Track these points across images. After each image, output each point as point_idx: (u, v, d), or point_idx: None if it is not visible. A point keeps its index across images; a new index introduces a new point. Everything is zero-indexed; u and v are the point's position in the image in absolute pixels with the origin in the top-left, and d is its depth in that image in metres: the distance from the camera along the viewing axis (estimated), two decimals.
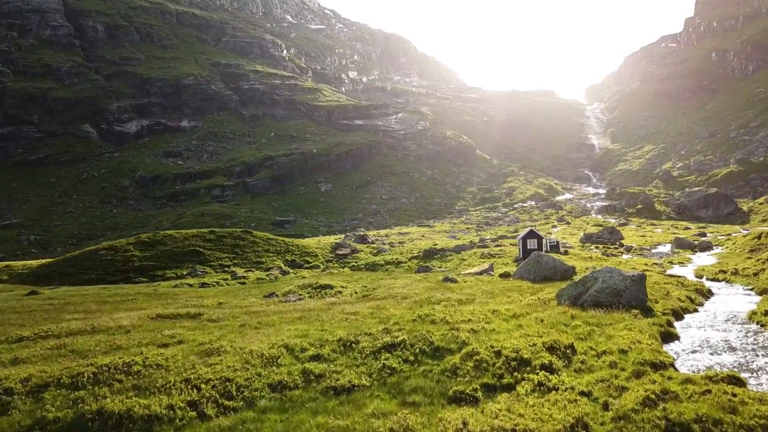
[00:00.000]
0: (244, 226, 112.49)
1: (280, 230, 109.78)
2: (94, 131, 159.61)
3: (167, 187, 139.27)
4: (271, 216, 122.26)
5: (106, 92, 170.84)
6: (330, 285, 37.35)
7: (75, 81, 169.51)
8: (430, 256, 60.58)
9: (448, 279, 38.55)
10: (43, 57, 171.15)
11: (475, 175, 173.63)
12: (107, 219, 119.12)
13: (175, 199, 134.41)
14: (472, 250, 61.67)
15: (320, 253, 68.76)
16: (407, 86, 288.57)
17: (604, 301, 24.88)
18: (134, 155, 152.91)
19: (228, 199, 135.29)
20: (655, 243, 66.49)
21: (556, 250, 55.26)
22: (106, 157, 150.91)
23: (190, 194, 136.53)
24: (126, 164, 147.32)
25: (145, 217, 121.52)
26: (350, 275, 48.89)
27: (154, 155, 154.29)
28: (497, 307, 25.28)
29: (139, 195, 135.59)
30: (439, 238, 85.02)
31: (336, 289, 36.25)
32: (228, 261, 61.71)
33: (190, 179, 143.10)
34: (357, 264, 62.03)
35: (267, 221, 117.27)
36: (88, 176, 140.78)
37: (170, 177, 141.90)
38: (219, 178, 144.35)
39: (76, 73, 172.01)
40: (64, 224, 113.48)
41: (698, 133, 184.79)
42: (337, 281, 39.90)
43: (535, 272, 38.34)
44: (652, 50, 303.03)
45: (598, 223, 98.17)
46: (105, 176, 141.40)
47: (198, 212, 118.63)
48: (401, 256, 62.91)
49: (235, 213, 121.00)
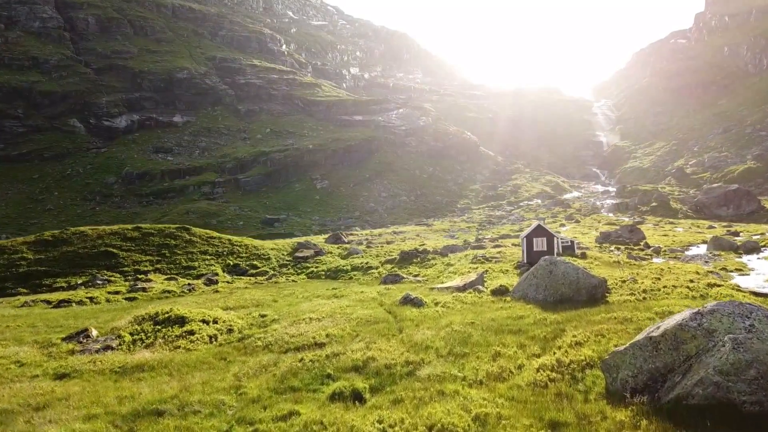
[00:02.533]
0: (231, 224, 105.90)
1: (270, 229, 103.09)
2: (82, 126, 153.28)
3: (155, 184, 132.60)
4: (262, 214, 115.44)
5: (96, 86, 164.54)
6: (184, 317, 24.46)
7: (63, 74, 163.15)
8: (409, 259, 51.06)
9: (409, 300, 27.30)
10: (30, 49, 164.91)
11: (478, 173, 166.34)
12: (87, 217, 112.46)
13: (162, 196, 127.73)
14: (464, 252, 52.24)
15: (275, 255, 58.55)
16: (410, 83, 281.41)
17: (750, 408, 10.72)
18: (122, 151, 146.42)
19: (218, 197, 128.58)
20: (685, 244, 56.97)
21: (570, 253, 45.21)
22: (93, 153, 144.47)
23: (179, 191, 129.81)
24: (113, 160, 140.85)
25: (128, 215, 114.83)
26: (278, 290, 39.42)
27: (143, 151, 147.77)
28: (453, 419, 12.08)
29: (125, 192, 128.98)
30: (436, 237, 77.90)
31: (189, 327, 23.49)
32: (148, 266, 51.23)
33: (179, 176, 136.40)
34: (317, 270, 52.55)
35: (256, 219, 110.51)
36: (72, 172, 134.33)
37: (158, 173, 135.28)
38: (209, 174, 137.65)
39: (65, 66, 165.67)
40: (41, 222, 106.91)
41: (711, 129, 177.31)
42: (216, 311, 27.12)
43: (547, 289, 26.31)
44: (661, 46, 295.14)
45: (611, 221, 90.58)
46: (90, 173, 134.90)
47: (183, 210, 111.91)
48: (374, 259, 53.80)
49: (223, 211, 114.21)
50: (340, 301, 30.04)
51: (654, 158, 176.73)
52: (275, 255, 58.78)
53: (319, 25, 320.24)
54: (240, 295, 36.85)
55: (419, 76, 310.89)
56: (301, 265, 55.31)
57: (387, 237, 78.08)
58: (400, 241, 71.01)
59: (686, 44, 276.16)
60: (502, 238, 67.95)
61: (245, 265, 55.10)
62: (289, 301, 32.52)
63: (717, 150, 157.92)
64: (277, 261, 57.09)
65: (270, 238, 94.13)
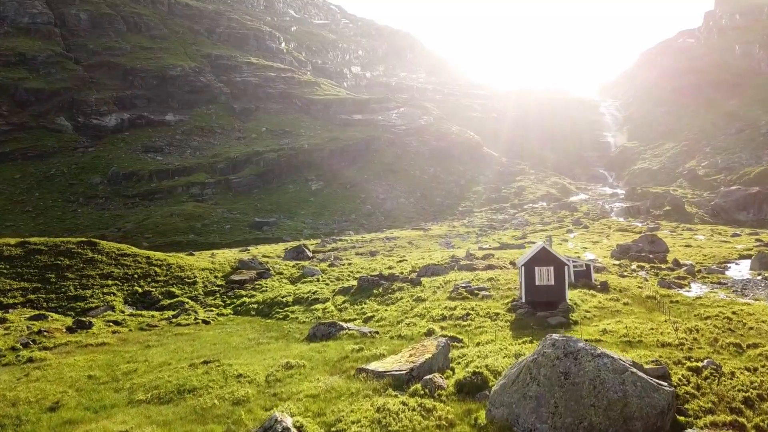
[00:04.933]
0: (216, 228, 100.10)
1: (257, 233, 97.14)
2: (69, 124, 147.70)
3: (142, 184, 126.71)
4: (251, 217, 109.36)
5: (86, 83, 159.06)
6: None
7: (52, 71, 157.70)
8: (369, 289, 39.17)
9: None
10: (17, 45, 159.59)
11: (481, 174, 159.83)
12: (68, 219, 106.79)
13: (148, 197, 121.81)
14: (446, 275, 40.79)
15: (204, 278, 47.46)
16: (413, 82, 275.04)
17: None
18: (110, 150, 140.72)
19: (207, 198, 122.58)
20: (720, 260, 47.41)
21: (586, 281, 35.63)
22: (79, 152, 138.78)
23: (166, 193, 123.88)
24: (100, 160, 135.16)
25: (111, 217, 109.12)
26: (142, 351, 27.90)
27: (132, 150, 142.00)
28: None
29: (110, 193, 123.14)
30: (429, 245, 71.47)
31: None
32: (19, 296, 38.79)
33: (168, 176, 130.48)
34: (250, 301, 42.33)
35: (244, 223, 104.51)
36: (56, 172, 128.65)
37: (146, 174, 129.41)
38: (200, 175, 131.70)
39: (54, 62, 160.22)
40: (17, 225, 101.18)
41: (723, 130, 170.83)
42: None
43: (559, 413, 13.93)
44: (669, 45, 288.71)
45: (623, 227, 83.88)
46: (75, 172, 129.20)
47: (167, 212, 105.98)
48: (328, 286, 43.41)
49: (209, 213, 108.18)
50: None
51: (663, 159, 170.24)
52: (204, 278, 48.00)
53: (321, 23, 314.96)
54: (48, 374, 23.78)
55: (423, 75, 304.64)
56: (234, 293, 45.10)
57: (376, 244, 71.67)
58: (392, 248, 64.56)
59: (695, 43, 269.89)
60: (502, 249, 60.24)
61: (159, 293, 44.42)
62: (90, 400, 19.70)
63: (730, 151, 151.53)
64: (204, 287, 46.52)
65: (256, 243, 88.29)
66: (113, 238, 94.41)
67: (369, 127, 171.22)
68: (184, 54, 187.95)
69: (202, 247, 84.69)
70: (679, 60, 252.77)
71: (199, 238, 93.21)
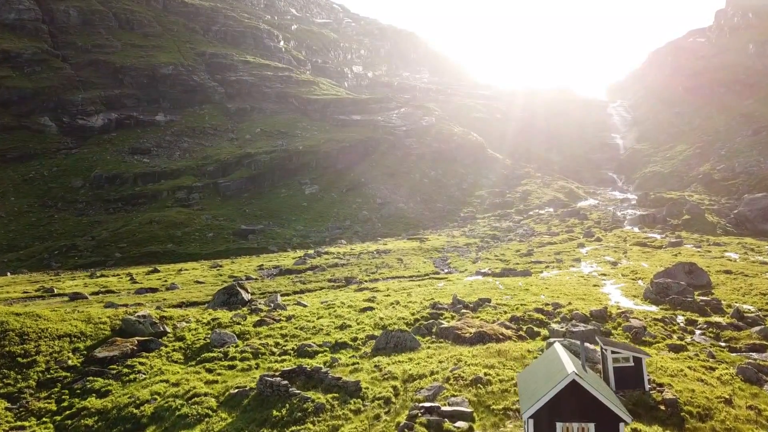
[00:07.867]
0: (198, 236, 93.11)
1: (241, 243, 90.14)
2: (54, 125, 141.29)
3: (126, 188, 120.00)
4: (237, 224, 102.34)
5: (72, 82, 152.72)
6: None
7: (37, 69, 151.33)
8: (270, 404, 25.02)
9: None
10: (1, 42, 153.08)
11: (485, 177, 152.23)
12: (42, 226, 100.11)
13: (131, 202, 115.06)
14: (413, 357, 29.28)
15: (52, 354, 32.29)
16: (416, 82, 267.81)
17: None
18: (95, 152, 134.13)
19: (193, 203, 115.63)
20: None
21: (637, 389, 22.60)
22: (62, 154, 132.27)
23: (151, 197, 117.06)
24: (83, 162, 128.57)
25: (89, 223, 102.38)
26: None
27: (118, 152, 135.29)
28: None
29: (92, 197, 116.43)
30: (422, 263, 63.94)
31: None
32: None
33: (154, 179, 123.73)
34: (86, 412, 26.84)
35: (229, 230, 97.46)
36: (36, 175, 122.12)
37: (130, 177, 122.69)
38: (187, 178, 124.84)
39: (40, 60, 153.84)
40: None
41: (739, 131, 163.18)
42: None
43: None
44: (679, 45, 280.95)
45: (640, 240, 75.95)
46: (55, 175, 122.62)
47: (146, 219, 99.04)
48: (219, 384, 28.65)
49: (192, 220, 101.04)
50: None
51: (675, 162, 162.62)
52: (55, 354, 32.37)
53: (322, 22, 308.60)
54: None
55: (426, 75, 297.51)
56: (84, 385, 29.70)
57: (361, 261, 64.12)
58: (367, 275, 56.55)
59: (706, 43, 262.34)
60: (504, 275, 50.82)
61: None
62: None
63: (747, 154, 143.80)
64: (46, 371, 30.98)
65: (237, 254, 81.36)
66: (85, 247, 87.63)
67: (368, 128, 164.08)
68: (178, 52, 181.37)
69: (179, 259, 77.84)
70: (690, 60, 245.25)
71: (177, 248, 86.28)
